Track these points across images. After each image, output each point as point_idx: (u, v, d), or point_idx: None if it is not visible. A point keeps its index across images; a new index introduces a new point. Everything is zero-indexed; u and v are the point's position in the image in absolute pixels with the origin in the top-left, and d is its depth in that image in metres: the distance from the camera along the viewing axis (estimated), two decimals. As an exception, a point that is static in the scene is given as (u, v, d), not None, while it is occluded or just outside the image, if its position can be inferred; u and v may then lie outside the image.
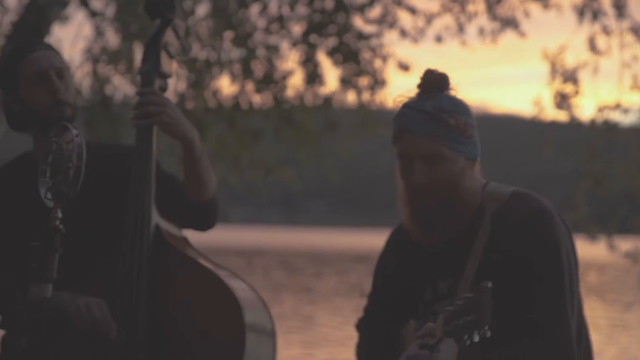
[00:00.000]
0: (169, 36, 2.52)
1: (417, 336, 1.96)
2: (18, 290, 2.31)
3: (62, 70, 2.49)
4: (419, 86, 2.14)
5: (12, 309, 2.36)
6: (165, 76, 2.50)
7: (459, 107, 2.11)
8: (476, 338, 1.83)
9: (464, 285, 2.08)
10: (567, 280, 2.07)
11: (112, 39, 8.92)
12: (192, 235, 2.55)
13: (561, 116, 9.00)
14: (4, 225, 2.48)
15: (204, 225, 2.53)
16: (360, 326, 2.32)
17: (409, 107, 2.12)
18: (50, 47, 2.54)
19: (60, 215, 2.15)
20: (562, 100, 8.93)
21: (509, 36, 8.92)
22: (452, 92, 2.13)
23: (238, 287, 2.37)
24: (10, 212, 2.49)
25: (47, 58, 2.49)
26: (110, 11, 8.76)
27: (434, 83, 2.12)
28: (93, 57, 8.94)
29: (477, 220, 2.11)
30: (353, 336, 2.34)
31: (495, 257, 2.08)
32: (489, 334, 1.83)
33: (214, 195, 2.48)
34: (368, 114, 8.91)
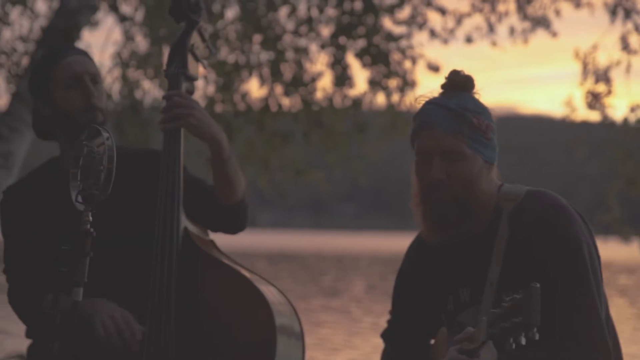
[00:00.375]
0: (195, 39, 2.50)
1: (456, 340, 1.93)
2: (49, 295, 2.30)
3: (96, 76, 2.50)
4: (443, 86, 2.14)
5: (44, 313, 2.35)
6: (192, 79, 2.49)
7: (482, 109, 2.11)
8: (523, 341, 1.80)
9: (489, 289, 2.06)
10: (592, 276, 2.05)
11: (142, 43, 8.96)
12: (221, 239, 2.53)
13: (593, 116, 8.90)
14: (34, 231, 2.47)
15: (234, 228, 2.51)
16: (385, 336, 2.31)
17: (433, 103, 2.12)
18: (84, 53, 2.54)
19: (91, 218, 2.14)
20: (594, 100, 8.83)
21: (540, 36, 8.84)
22: (476, 95, 2.13)
23: (267, 290, 2.36)
24: (40, 217, 2.48)
25: (81, 63, 2.48)
26: (140, 16, 8.79)
27: (459, 83, 2.12)
28: (123, 61, 8.98)
29: (494, 222, 2.10)
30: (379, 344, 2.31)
31: (516, 258, 2.06)
32: (537, 336, 1.80)
33: (243, 197, 2.47)
34: (397, 116, 8.86)
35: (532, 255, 2.04)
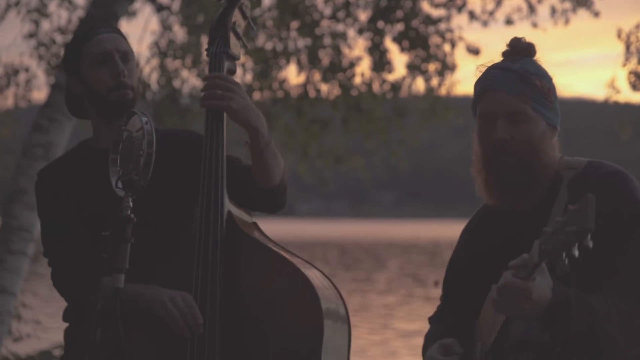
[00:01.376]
0: (237, 16, 2.46)
1: (510, 266, 1.92)
2: (91, 281, 2.28)
3: (127, 53, 2.46)
4: (505, 53, 2.16)
5: (85, 300, 2.33)
6: (234, 58, 2.44)
7: (544, 72, 2.13)
8: (576, 252, 1.78)
9: None
10: None
11: (179, 32, 8.96)
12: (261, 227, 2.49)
13: (636, 98, 8.73)
14: (72, 211, 2.44)
15: (272, 208, 2.48)
16: (431, 319, 2.31)
17: (495, 67, 2.14)
18: (117, 30, 2.51)
19: (131, 204, 2.11)
20: (638, 81, 8.65)
21: (582, 17, 8.67)
22: (538, 61, 2.15)
23: (313, 275, 2.32)
24: (77, 197, 2.45)
25: (112, 40, 2.45)
26: (177, 5, 8.78)
27: (521, 49, 2.14)
28: (160, 51, 8.99)
29: (552, 189, 2.09)
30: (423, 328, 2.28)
31: None
32: (590, 244, 1.78)
33: (282, 180, 2.43)
34: (437, 100, 8.76)
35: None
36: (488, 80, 2.11)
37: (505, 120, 2.07)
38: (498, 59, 2.17)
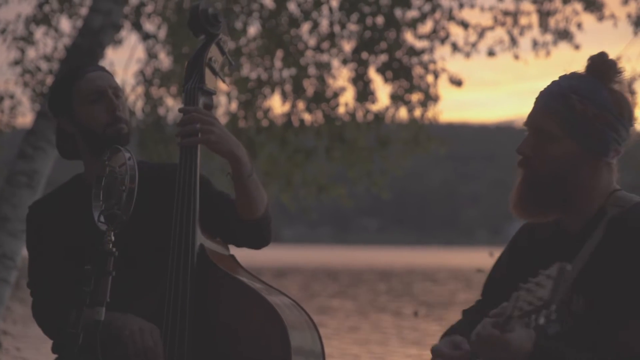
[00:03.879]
0: (214, 52, 2.47)
1: (491, 315, 1.89)
2: (72, 313, 2.30)
3: (117, 89, 2.50)
4: (586, 68, 2.05)
5: (66, 331, 2.35)
6: (209, 93, 2.46)
7: (600, 98, 1.98)
8: (541, 320, 1.75)
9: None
10: None
11: (165, 60, 9.01)
12: (244, 255, 2.50)
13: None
14: (59, 246, 2.47)
15: (258, 242, 2.49)
16: (465, 311, 2.26)
17: (554, 82, 2.04)
18: (104, 69, 2.55)
19: (113, 238, 2.14)
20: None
21: (563, 48, 8.78)
22: (615, 86, 2.01)
23: (284, 306, 2.33)
24: (65, 233, 2.48)
25: (103, 77, 2.49)
26: (163, 33, 8.84)
27: (594, 65, 2.03)
28: (146, 79, 9.03)
29: (593, 222, 2.01)
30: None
31: (602, 261, 1.97)
32: (554, 316, 1.75)
33: (265, 212, 2.44)
34: (420, 130, 8.84)
35: (617, 262, 1.95)
36: (540, 94, 2.05)
37: (532, 135, 2.01)
38: (479, 90, 2.13)
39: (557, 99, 2.00)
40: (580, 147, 1.99)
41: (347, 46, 8.49)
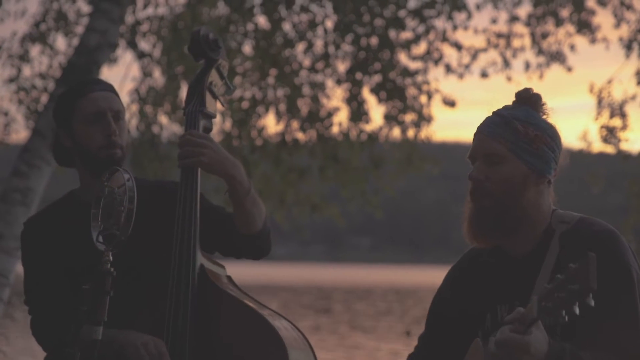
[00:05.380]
0: (213, 76, 2.51)
1: (507, 321, 1.95)
2: (69, 332, 2.32)
3: (119, 112, 2.51)
4: (513, 101, 2.20)
5: (63, 350, 2.36)
6: (209, 116, 2.49)
7: (537, 122, 2.15)
8: (576, 310, 1.81)
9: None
10: (638, 298, 2.06)
11: (159, 79, 9.04)
12: (239, 273, 2.53)
13: (609, 149, 8.89)
14: (55, 262, 2.48)
15: (257, 254, 2.52)
16: (412, 357, 2.31)
17: (493, 113, 2.18)
18: (111, 88, 2.55)
19: (111, 258, 2.16)
20: (609, 135, 8.82)
21: (555, 70, 8.86)
22: (543, 114, 2.17)
23: (282, 326, 2.36)
24: (60, 249, 2.49)
25: (106, 99, 2.50)
26: (158, 52, 8.88)
27: (522, 97, 2.17)
28: (140, 97, 9.06)
29: (544, 242, 2.11)
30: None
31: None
32: (592, 302, 1.81)
33: (263, 226, 2.47)
34: (413, 150, 8.88)
35: None
36: (480, 124, 2.17)
37: (482, 162, 2.12)
38: (472, 109, 2.23)
39: (500, 125, 2.13)
40: (526, 166, 2.12)
41: (342, 66, 8.55)
